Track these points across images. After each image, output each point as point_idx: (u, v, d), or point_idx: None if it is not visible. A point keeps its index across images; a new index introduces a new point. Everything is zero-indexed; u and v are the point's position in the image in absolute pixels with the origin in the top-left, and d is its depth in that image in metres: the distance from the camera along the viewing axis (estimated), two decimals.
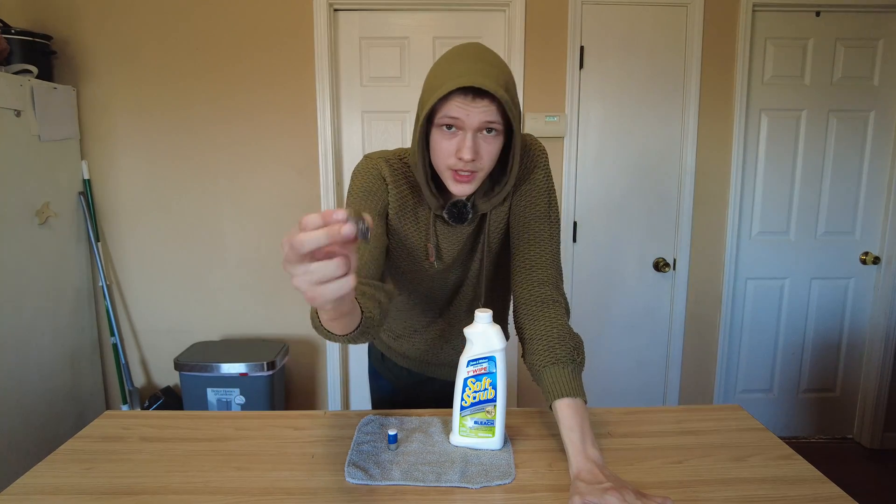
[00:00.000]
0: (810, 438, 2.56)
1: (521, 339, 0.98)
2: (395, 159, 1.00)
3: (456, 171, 0.87)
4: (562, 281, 1.01)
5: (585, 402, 0.88)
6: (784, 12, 2.24)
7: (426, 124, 0.88)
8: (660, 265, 2.37)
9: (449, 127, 0.85)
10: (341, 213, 0.51)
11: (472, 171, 0.87)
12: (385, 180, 0.98)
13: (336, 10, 2.19)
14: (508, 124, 0.87)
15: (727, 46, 2.23)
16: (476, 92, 0.81)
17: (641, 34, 2.22)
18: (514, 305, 1.01)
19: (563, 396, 0.86)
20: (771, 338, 2.49)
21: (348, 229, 0.50)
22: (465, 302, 1.12)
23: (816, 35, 2.25)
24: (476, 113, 0.82)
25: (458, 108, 0.82)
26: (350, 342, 0.76)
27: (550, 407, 0.88)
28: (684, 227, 2.34)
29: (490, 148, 0.86)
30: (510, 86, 0.85)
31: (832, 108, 2.31)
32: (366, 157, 1.01)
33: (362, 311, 0.74)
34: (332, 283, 0.51)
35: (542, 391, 0.90)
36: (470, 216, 0.97)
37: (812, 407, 2.54)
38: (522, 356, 0.98)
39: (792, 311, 2.46)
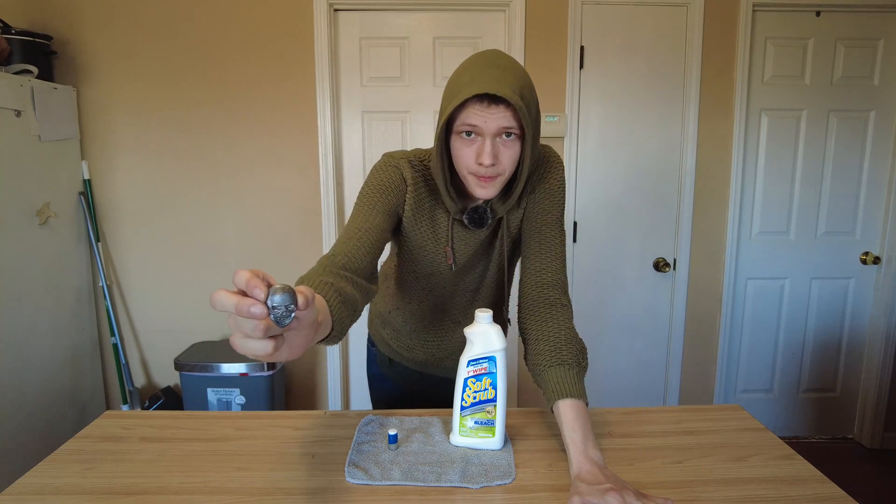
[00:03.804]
0: (810, 438, 2.56)
1: (525, 340, 0.98)
2: (417, 161, 1.00)
3: (478, 176, 0.89)
4: (568, 286, 1.02)
5: (587, 405, 0.88)
6: (784, 12, 2.24)
7: (446, 131, 0.90)
8: (660, 265, 2.37)
9: (468, 133, 0.87)
10: (259, 292, 0.49)
11: (494, 175, 0.88)
12: (405, 181, 0.98)
13: (336, 10, 2.19)
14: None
15: (727, 46, 2.23)
16: (491, 98, 0.82)
17: (641, 34, 2.22)
18: (519, 306, 1.02)
19: (566, 397, 0.87)
20: (771, 338, 2.49)
21: (256, 310, 0.49)
22: (487, 306, 1.12)
23: (816, 35, 2.25)
24: (493, 119, 0.84)
25: (475, 116, 0.84)
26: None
27: (552, 409, 0.89)
28: (684, 226, 2.33)
29: (509, 152, 0.88)
30: (526, 90, 0.85)
31: (832, 107, 2.30)
32: (387, 154, 1.01)
33: (333, 324, 0.70)
34: (249, 340, 0.51)
35: (544, 392, 0.91)
36: (489, 221, 0.98)
37: (812, 407, 2.54)
38: (525, 357, 0.98)
39: (792, 311, 2.46)
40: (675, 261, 2.37)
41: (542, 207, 1.02)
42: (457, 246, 1.02)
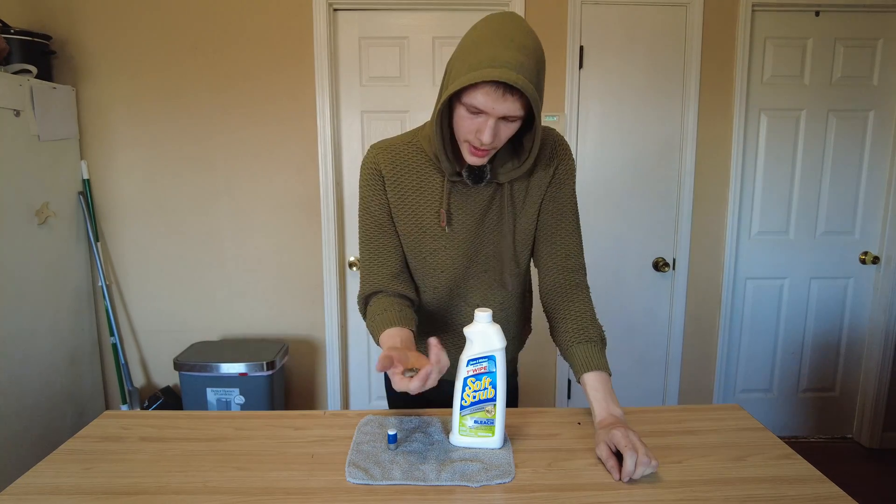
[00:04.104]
0: (810, 438, 2.56)
1: (552, 318, 1.08)
2: (402, 144, 1.03)
3: (473, 146, 0.91)
4: (586, 270, 1.11)
5: (610, 375, 0.97)
6: (783, 12, 2.24)
7: (450, 95, 0.89)
8: (659, 265, 2.37)
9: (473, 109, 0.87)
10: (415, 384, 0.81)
11: (489, 149, 0.91)
12: (381, 174, 1.02)
13: (336, 9, 2.19)
14: (529, 109, 0.89)
15: (727, 46, 2.23)
16: (506, 87, 0.82)
17: (641, 34, 2.22)
18: (545, 287, 1.08)
19: (591, 370, 0.96)
20: (770, 338, 2.49)
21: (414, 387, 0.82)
22: (504, 297, 1.11)
23: (816, 35, 2.26)
24: (502, 108, 0.84)
25: (485, 100, 0.83)
26: None
27: (579, 380, 0.97)
28: (684, 226, 2.34)
29: (508, 131, 0.90)
30: (541, 73, 0.86)
31: (831, 107, 2.31)
32: (369, 148, 1.06)
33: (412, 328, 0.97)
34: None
35: (572, 365, 1.00)
36: (488, 177, 0.99)
37: (811, 406, 2.54)
38: (551, 333, 1.08)
39: (791, 311, 2.46)
40: (674, 260, 2.37)
41: (562, 200, 1.06)
42: (454, 209, 1.03)
